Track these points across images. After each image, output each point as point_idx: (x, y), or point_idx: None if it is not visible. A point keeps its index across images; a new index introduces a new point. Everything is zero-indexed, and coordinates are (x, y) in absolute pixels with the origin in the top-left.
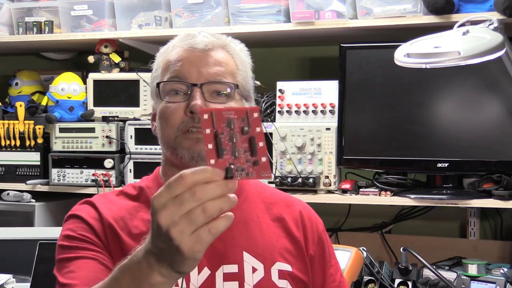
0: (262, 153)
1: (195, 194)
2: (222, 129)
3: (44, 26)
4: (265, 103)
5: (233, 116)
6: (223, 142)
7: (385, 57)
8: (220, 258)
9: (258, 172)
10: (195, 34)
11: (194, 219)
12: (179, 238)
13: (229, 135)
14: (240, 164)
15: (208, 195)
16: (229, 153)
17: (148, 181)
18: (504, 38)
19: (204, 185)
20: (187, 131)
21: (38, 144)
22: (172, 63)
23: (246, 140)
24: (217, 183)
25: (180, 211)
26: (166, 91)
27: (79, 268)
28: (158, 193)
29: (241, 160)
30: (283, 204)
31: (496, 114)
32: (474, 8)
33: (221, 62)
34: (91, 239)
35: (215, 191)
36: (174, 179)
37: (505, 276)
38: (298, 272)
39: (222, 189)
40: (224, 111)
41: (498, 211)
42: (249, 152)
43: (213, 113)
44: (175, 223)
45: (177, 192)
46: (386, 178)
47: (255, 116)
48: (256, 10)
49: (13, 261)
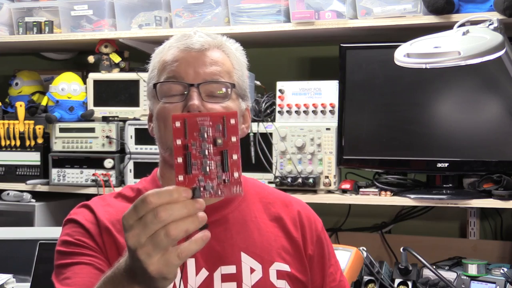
0: (235, 168)
1: (157, 216)
2: (194, 139)
3: (44, 26)
4: (265, 103)
5: (207, 123)
6: (194, 154)
7: (385, 57)
8: (218, 259)
9: (229, 190)
10: (190, 34)
11: (159, 242)
12: (146, 261)
13: (201, 146)
14: (210, 181)
15: (172, 217)
16: (199, 168)
17: (146, 182)
18: (504, 38)
19: (167, 205)
20: None
21: (38, 144)
22: (169, 63)
23: (218, 152)
24: (183, 203)
25: (145, 233)
26: (163, 92)
27: (75, 275)
28: (127, 213)
29: (212, 176)
30: (281, 204)
31: (496, 114)
32: (474, 8)
33: (217, 61)
34: (87, 243)
35: (180, 212)
36: (139, 201)
37: (505, 276)
38: (296, 272)
39: (188, 209)
40: (199, 117)
41: (498, 211)
42: (221, 166)
43: (186, 120)
44: (142, 245)
45: (141, 214)
46: (386, 178)
47: (232, 123)
48: (256, 10)
49: (13, 261)
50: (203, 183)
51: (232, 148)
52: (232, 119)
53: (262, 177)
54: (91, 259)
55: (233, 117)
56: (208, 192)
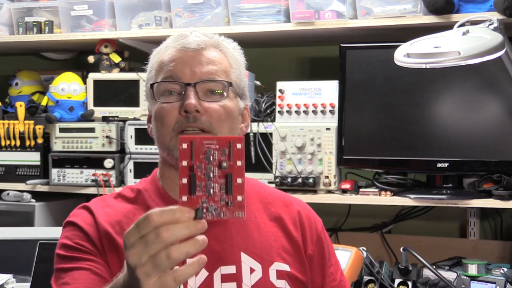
0: (239, 191)
1: (160, 236)
2: (200, 161)
3: (44, 26)
4: (265, 103)
5: (214, 146)
6: (199, 176)
7: (385, 57)
8: (217, 259)
9: (232, 213)
10: (187, 34)
11: (159, 263)
12: (144, 280)
13: (206, 169)
14: (214, 203)
15: (174, 237)
16: (203, 189)
17: (145, 183)
18: (504, 38)
19: (170, 225)
20: (182, 132)
21: (38, 144)
22: (165, 63)
23: (223, 175)
24: (185, 223)
25: (146, 252)
26: (160, 92)
27: (74, 280)
28: (129, 231)
29: (216, 198)
30: (281, 204)
31: (496, 114)
32: (474, 8)
33: (214, 60)
34: (86, 247)
35: (182, 232)
36: (142, 219)
37: (505, 276)
38: (296, 272)
39: (190, 230)
40: (206, 140)
41: (498, 211)
42: (225, 189)
43: (193, 143)
44: (142, 264)
45: (143, 232)
46: (386, 178)
47: (238, 147)
48: (256, 10)
49: (13, 261)
50: (206, 205)
51: (236, 172)
52: (238, 143)
53: (262, 177)
54: (90, 263)
55: (239, 142)
56: (211, 213)
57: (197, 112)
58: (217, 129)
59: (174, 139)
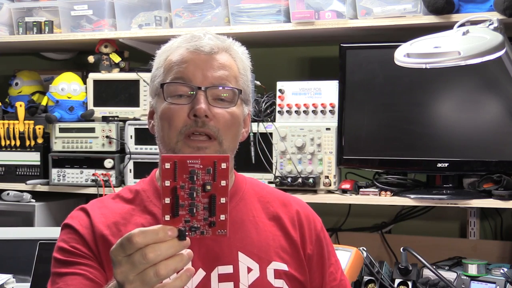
0: (222, 211)
1: (146, 257)
2: (183, 181)
3: (44, 26)
4: (265, 103)
5: (198, 166)
6: (182, 196)
7: (385, 57)
8: (215, 259)
9: (214, 231)
10: (200, 36)
11: (148, 281)
12: None
13: (189, 189)
14: (197, 222)
15: (161, 257)
16: (187, 209)
17: (144, 184)
18: (504, 38)
19: (155, 245)
20: (189, 136)
21: (38, 144)
22: (176, 63)
23: (207, 195)
24: (170, 242)
25: (133, 271)
26: (169, 92)
27: (67, 286)
28: (114, 249)
29: (198, 217)
30: (280, 203)
31: (496, 114)
32: (474, 8)
33: (225, 65)
34: (82, 251)
35: (168, 252)
36: (125, 239)
37: (505, 276)
38: (294, 272)
39: (175, 249)
40: (190, 160)
41: (498, 211)
42: (209, 209)
43: (176, 163)
44: (130, 281)
45: (129, 253)
46: (386, 178)
47: (222, 167)
48: (256, 10)
49: (13, 261)
50: (189, 223)
51: (220, 192)
52: (224, 163)
53: (262, 177)
54: (84, 268)
55: (225, 161)
56: (193, 232)
57: (206, 117)
58: (223, 135)
59: (181, 143)
